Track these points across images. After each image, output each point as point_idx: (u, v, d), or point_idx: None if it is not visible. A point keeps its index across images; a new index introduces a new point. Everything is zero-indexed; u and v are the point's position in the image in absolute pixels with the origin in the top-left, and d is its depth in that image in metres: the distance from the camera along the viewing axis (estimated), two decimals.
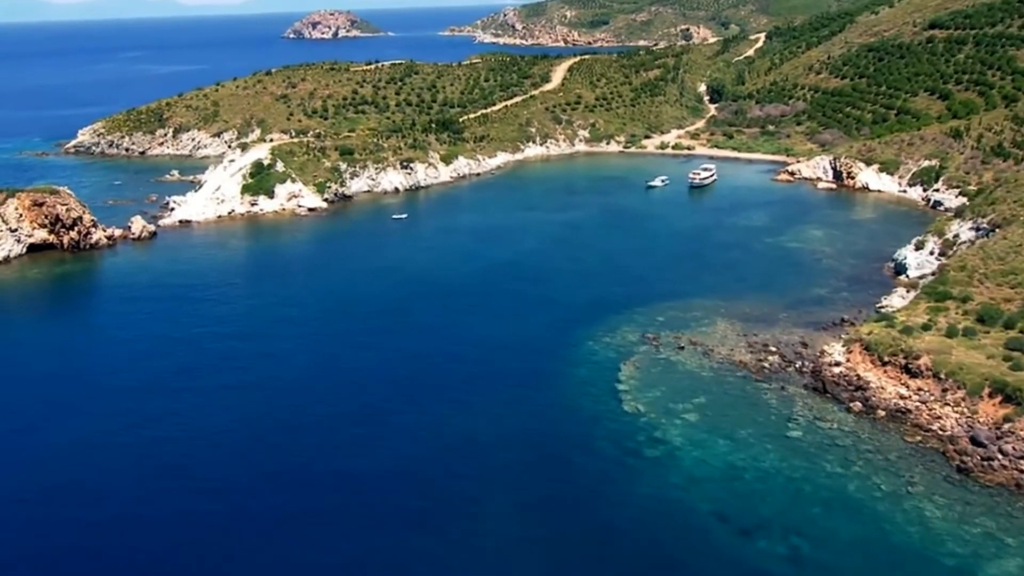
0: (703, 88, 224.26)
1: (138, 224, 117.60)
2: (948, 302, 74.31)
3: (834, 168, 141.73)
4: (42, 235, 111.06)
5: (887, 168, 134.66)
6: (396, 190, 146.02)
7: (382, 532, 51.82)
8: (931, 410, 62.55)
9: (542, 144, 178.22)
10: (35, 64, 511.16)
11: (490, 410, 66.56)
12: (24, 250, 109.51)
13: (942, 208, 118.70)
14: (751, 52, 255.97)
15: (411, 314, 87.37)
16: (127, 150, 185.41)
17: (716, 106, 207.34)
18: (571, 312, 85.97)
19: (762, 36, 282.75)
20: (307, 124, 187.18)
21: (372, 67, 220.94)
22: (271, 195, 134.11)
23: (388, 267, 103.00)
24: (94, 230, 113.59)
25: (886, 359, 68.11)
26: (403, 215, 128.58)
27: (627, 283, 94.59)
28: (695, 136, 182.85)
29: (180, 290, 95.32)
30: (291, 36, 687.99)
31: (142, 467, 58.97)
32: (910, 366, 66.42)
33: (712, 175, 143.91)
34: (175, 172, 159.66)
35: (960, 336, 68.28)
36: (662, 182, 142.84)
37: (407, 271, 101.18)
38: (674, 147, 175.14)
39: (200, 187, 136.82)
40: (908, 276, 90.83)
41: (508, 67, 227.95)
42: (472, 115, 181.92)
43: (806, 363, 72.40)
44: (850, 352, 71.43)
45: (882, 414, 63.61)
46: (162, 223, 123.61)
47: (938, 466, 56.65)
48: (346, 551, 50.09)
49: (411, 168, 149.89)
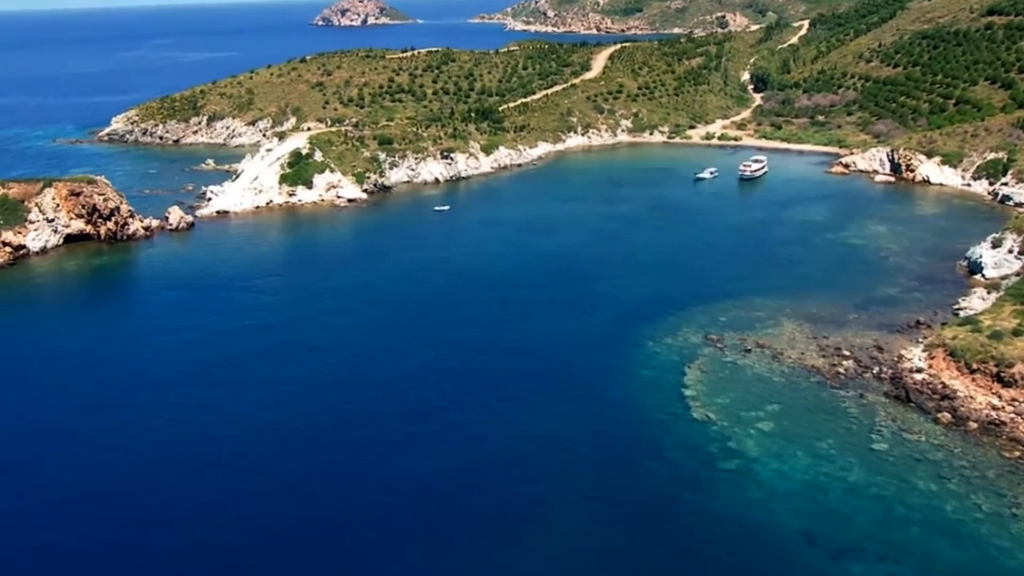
0: (746, 77, 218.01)
1: (176, 214, 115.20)
2: None
3: (892, 160, 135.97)
4: (79, 225, 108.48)
5: (950, 161, 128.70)
6: (436, 181, 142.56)
7: (453, 539, 49.13)
8: None
9: (584, 134, 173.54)
10: (63, 51, 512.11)
11: (554, 408, 63.66)
12: (61, 241, 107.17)
13: (1011, 203, 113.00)
14: (795, 40, 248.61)
15: (461, 307, 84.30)
16: (161, 138, 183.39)
17: (761, 95, 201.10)
18: (628, 309, 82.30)
19: (805, 24, 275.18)
20: (343, 112, 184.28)
21: (408, 55, 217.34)
22: (310, 185, 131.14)
23: (434, 259, 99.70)
24: (131, 221, 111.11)
25: (975, 366, 63.66)
26: (445, 206, 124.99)
27: (684, 280, 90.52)
28: (741, 126, 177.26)
29: (222, 280, 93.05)
30: (319, 23, 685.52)
31: (201, 465, 56.80)
32: (1002, 375, 61.90)
33: (763, 167, 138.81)
34: (210, 161, 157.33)
35: None
36: (711, 174, 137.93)
37: (454, 264, 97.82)
38: (720, 138, 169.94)
39: (237, 177, 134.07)
40: (985, 276, 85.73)
41: (547, 55, 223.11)
42: (512, 104, 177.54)
43: (884, 369, 68.07)
44: (932, 358, 67.04)
45: (974, 426, 59.23)
46: (199, 213, 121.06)
47: None
48: (414, 560, 47.57)
49: (452, 158, 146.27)
